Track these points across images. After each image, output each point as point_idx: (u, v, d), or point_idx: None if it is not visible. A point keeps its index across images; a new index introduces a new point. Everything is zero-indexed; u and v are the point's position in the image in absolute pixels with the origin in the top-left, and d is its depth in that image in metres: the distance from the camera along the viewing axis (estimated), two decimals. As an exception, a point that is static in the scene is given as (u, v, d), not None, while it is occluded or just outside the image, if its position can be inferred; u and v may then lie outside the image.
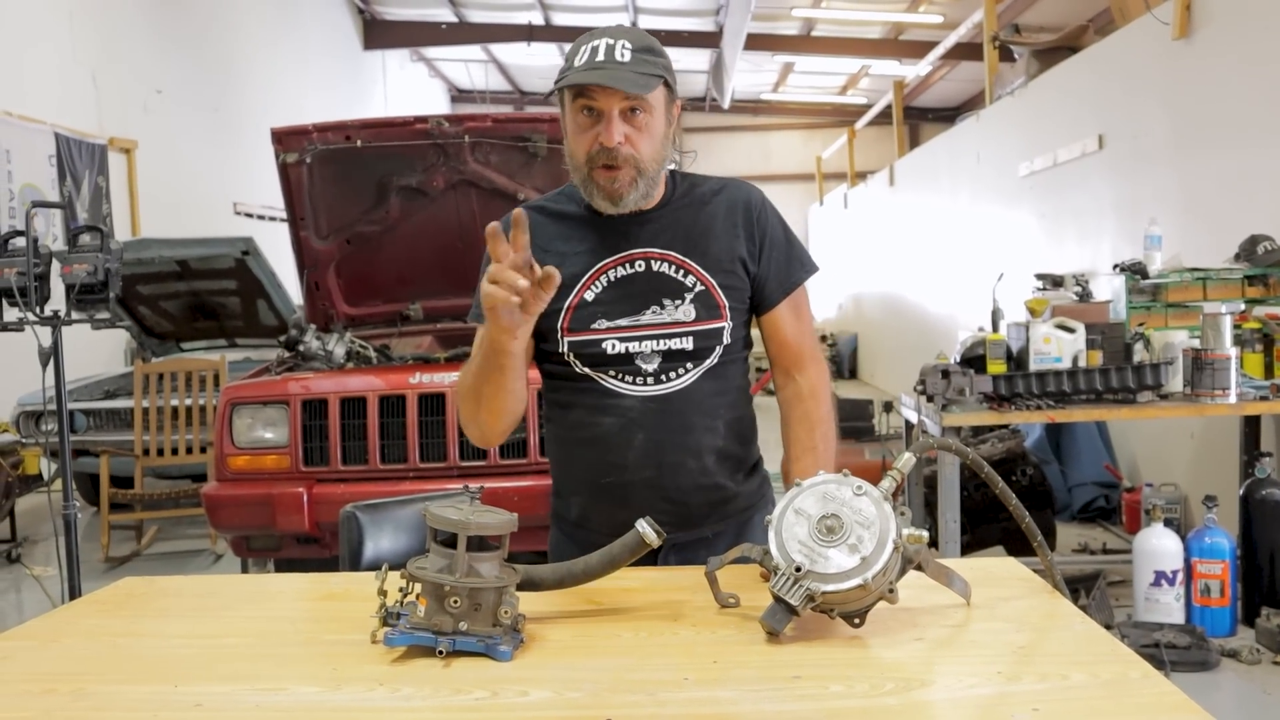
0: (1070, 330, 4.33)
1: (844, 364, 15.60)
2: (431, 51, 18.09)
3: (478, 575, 1.38)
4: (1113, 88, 6.67)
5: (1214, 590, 4.20)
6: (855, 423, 7.72)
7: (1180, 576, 4.20)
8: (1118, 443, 6.33)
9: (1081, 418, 4.32)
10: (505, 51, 17.98)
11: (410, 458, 4.14)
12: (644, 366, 1.81)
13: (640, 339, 1.80)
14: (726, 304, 1.83)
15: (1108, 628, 4.12)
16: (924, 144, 12.79)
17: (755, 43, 15.03)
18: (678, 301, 1.82)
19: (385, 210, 4.74)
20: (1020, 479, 5.06)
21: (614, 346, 1.80)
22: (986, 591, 1.60)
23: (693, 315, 1.81)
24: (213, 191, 10.63)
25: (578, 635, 1.46)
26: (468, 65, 19.25)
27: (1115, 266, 5.00)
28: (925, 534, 1.49)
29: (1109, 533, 5.84)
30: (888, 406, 7.72)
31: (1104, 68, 6.87)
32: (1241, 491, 4.42)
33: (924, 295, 11.54)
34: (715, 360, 1.84)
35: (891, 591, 1.44)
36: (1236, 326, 4.33)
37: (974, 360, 4.52)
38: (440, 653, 1.34)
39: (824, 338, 15.73)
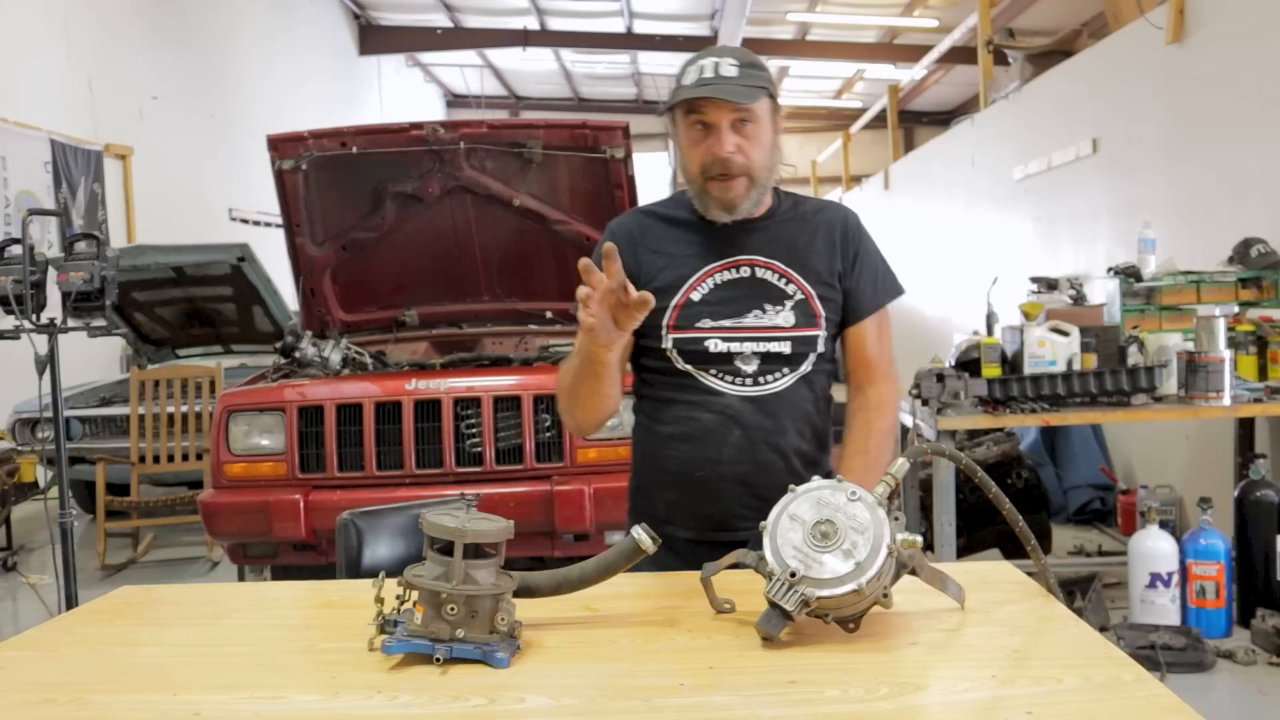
0: (1065, 333, 4.34)
1: (838, 368, 15.59)
2: (427, 57, 18.11)
3: (474, 582, 1.39)
4: (1107, 91, 6.69)
5: (1209, 592, 4.21)
6: (842, 428, 7.70)
7: (1176, 578, 4.21)
8: (1113, 445, 6.34)
9: (1076, 420, 4.32)
10: (500, 56, 18.01)
11: (406, 464, 4.14)
12: (743, 367, 1.91)
13: (742, 340, 1.90)
14: (823, 314, 1.95)
15: (1103, 630, 4.13)
16: (919, 148, 12.83)
17: (750, 47, 15.04)
18: (779, 308, 1.93)
19: (381, 217, 4.74)
20: (1015, 482, 5.06)
21: (716, 345, 1.90)
22: (981, 595, 1.61)
23: (792, 321, 1.93)
24: (208, 198, 10.63)
25: (574, 641, 1.47)
26: (463, 70, 19.27)
27: (1110, 270, 5.03)
28: (919, 539, 1.50)
29: (1105, 535, 5.86)
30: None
31: (1098, 72, 6.89)
32: (1236, 493, 4.43)
33: (919, 299, 11.55)
34: (809, 367, 1.96)
35: (886, 596, 1.45)
36: (1230, 329, 4.34)
37: (969, 364, 4.53)
38: (437, 660, 1.34)
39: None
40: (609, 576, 1.54)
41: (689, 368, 1.91)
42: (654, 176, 22.86)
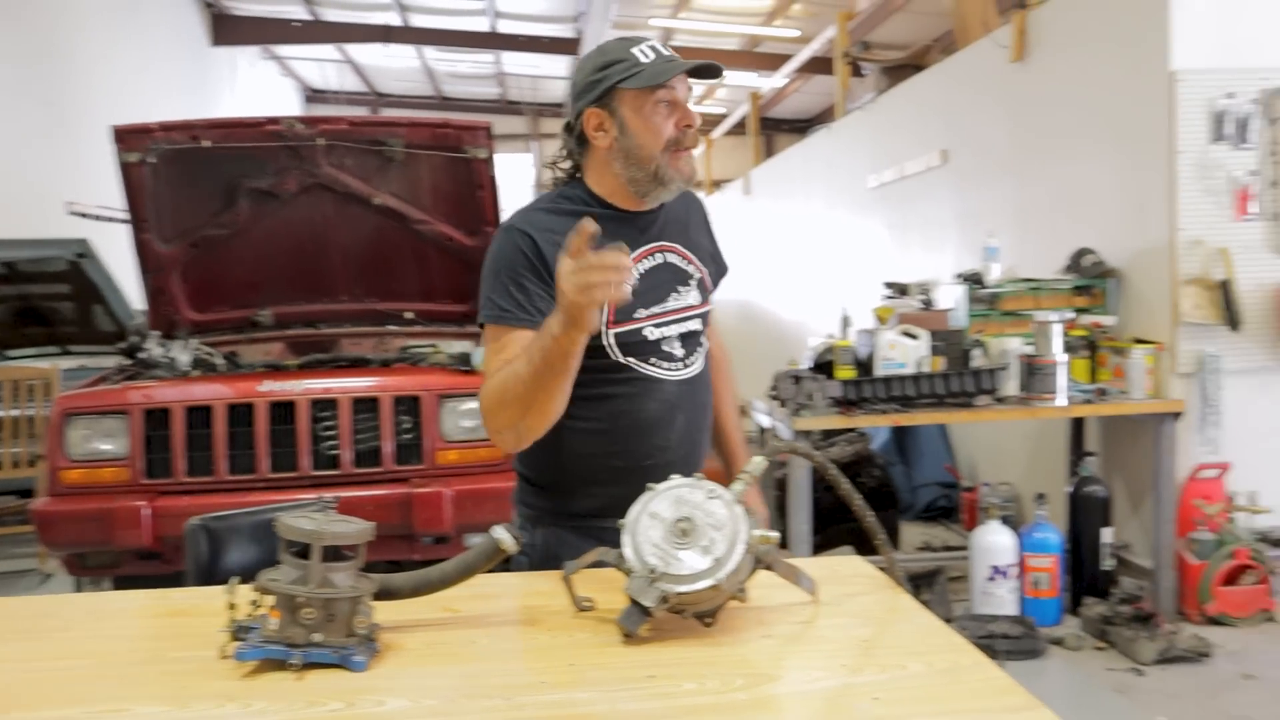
0: (914, 337, 4.52)
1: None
2: (284, 49, 17.57)
3: (332, 585, 1.36)
4: (955, 105, 6.98)
5: (1043, 583, 4.44)
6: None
7: (1014, 570, 4.43)
8: (958, 444, 6.62)
9: (925, 421, 4.50)
10: (361, 52, 17.61)
11: (260, 468, 4.02)
12: (673, 352, 1.96)
13: (669, 324, 1.95)
14: (711, 289, 2.09)
15: (948, 621, 4.31)
16: (779, 154, 13.12)
17: (614, 51, 15.13)
18: (687, 288, 2.01)
19: (234, 213, 4.59)
20: (867, 481, 5.24)
21: (651, 333, 1.93)
22: (833, 589, 1.66)
23: (698, 300, 2.03)
24: (44, 190, 10.07)
25: (434, 643, 1.46)
26: (322, 65, 18.78)
27: (957, 276, 5.25)
28: (775, 535, 1.54)
29: (950, 531, 6.11)
30: (741, 412, 7.87)
31: (947, 86, 7.19)
32: (1068, 489, 4.70)
33: (777, 302, 11.83)
34: (705, 343, 2.06)
35: (742, 591, 1.49)
36: (1065, 334, 4.60)
37: (824, 366, 4.67)
38: (293, 665, 1.31)
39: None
40: (469, 577, 1.54)
41: (628, 360, 1.91)
42: (516, 178, 22.78)
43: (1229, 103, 4.62)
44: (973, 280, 5.04)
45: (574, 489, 1.97)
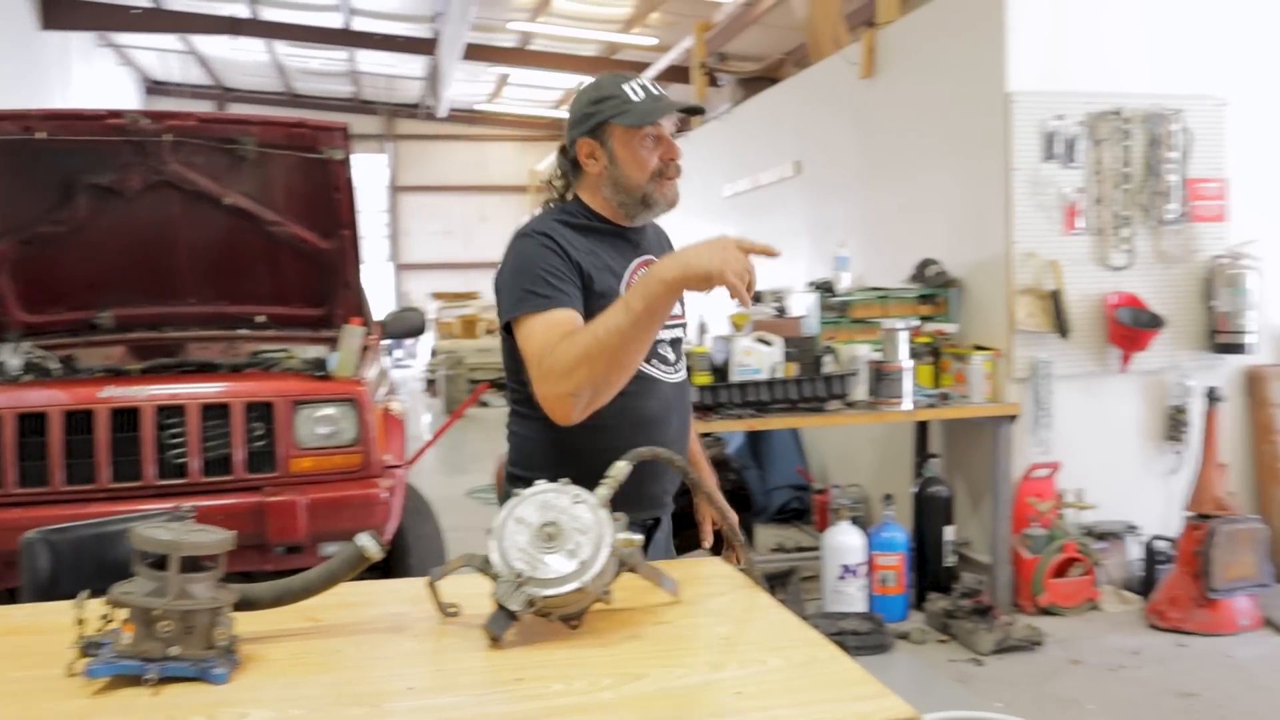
0: (769, 343, 4.65)
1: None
2: (122, 37, 16.77)
3: (190, 597, 1.33)
4: (808, 118, 7.20)
5: (891, 580, 4.63)
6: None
7: (864, 569, 4.60)
8: (809, 448, 6.82)
9: (779, 425, 4.63)
10: (207, 43, 16.97)
11: (100, 477, 3.84)
12: (668, 355, 2.11)
13: (667, 328, 2.06)
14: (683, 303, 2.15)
15: (802, 619, 4.45)
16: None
17: (472, 53, 15.02)
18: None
19: (72, 210, 4.36)
20: (723, 484, 5.34)
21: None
22: (694, 590, 1.71)
23: (680, 310, 2.13)
24: None
25: (298, 653, 1.44)
26: (164, 55, 18.00)
27: (809, 284, 5.42)
28: (639, 538, 1.58)
29: (802, 532, 6.29)
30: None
31: (800, 99, 7.41)
32: (914, 490, 4.91)
33: (636, 308, 11.96)
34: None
35: (607, 593, 1.52)
36: (911, 341, 4.81)
37: (683, 371, 4.74)
38: (149, 680, 1.28)
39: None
40: (332, 585, 1.52)
41: None
42: (372, 179, 22.32)
43: (1058, 124, 4.92)
44: (824, 289, 5.22)
45: (581, 484, 2.00)
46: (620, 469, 1.63)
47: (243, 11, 14.81)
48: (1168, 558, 4.66)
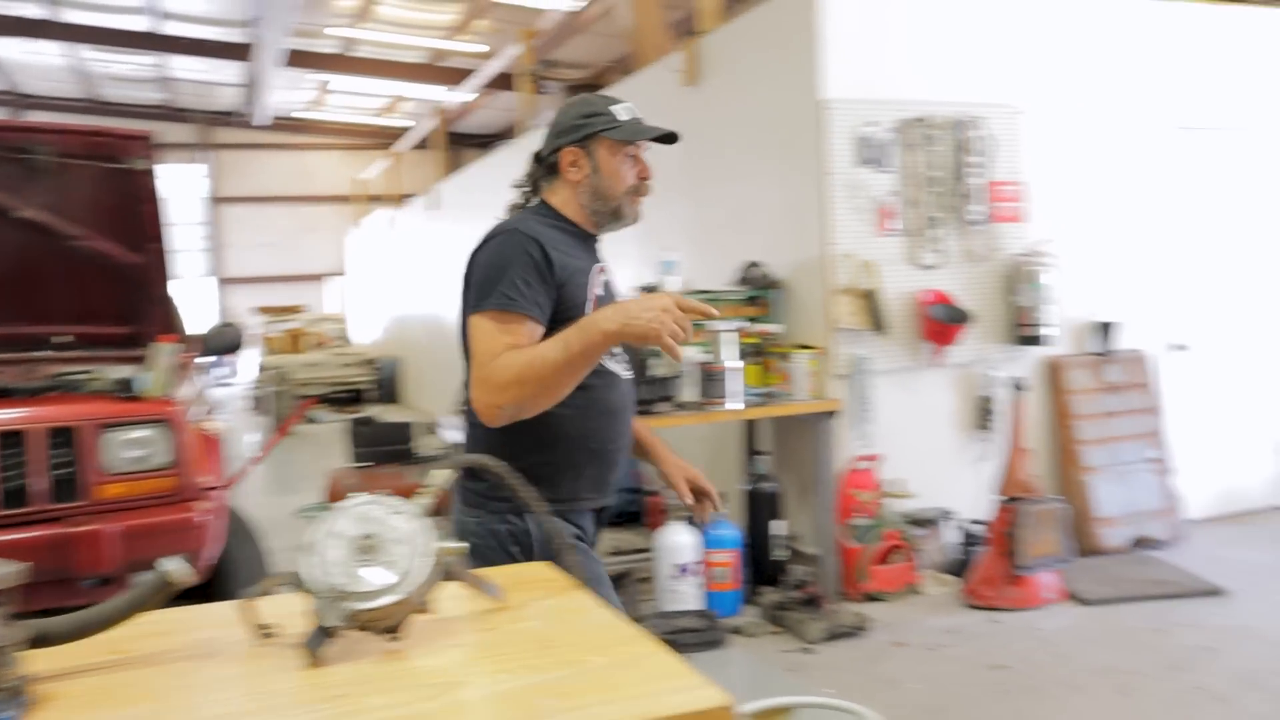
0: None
1: (387, 388, 15.41)
2: (-100, 39, 15.55)
3: (-26, 634, 1.25)
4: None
5: (724, 576, 4.73)
6: (395, 446, 7.70)
7: (697, 567, 4.68)
8: (646, 450, 6.88)
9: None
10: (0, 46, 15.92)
11: (-119, 512, 3.55)
12: (619, 353, 2.21)
13: None
14: None
15: (637, 620, 4.50)
16: (464, 169, 13.12)
17: (293, 59, 14.58)
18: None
19: None
20: (560, 489, 5.35)
21: None
22: (519, 594, 1.71)
23: None
24: None
25: (101, 687, 1.36)
26: (-51, 59, 16.79)
27: (636, 288, 5.48)
28: (462, 545, 1.56)
29: (638, 535, 6.34)
30: (429, 430, 7.82)
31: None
32: (744, 487, 5.03)
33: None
34: None
35: (428, 604, 1.50)
36: (739, 341, 4.92)
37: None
38: (-74, 726, 1.19)
39: (369, 362, 15.50)
40: (136, 614, 1.45)
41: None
42: (190, 190, 21.36)
43: (871, 130, 5.14)
44: (651, 292, 5.28)
45: (558, 473, 2.12)
46: (439, 477, 1.62)
47: (39, 12, 13.95)
48: (981, 540, 4.93)
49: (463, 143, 19.94)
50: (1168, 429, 5.77)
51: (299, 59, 14.82)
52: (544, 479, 2.06)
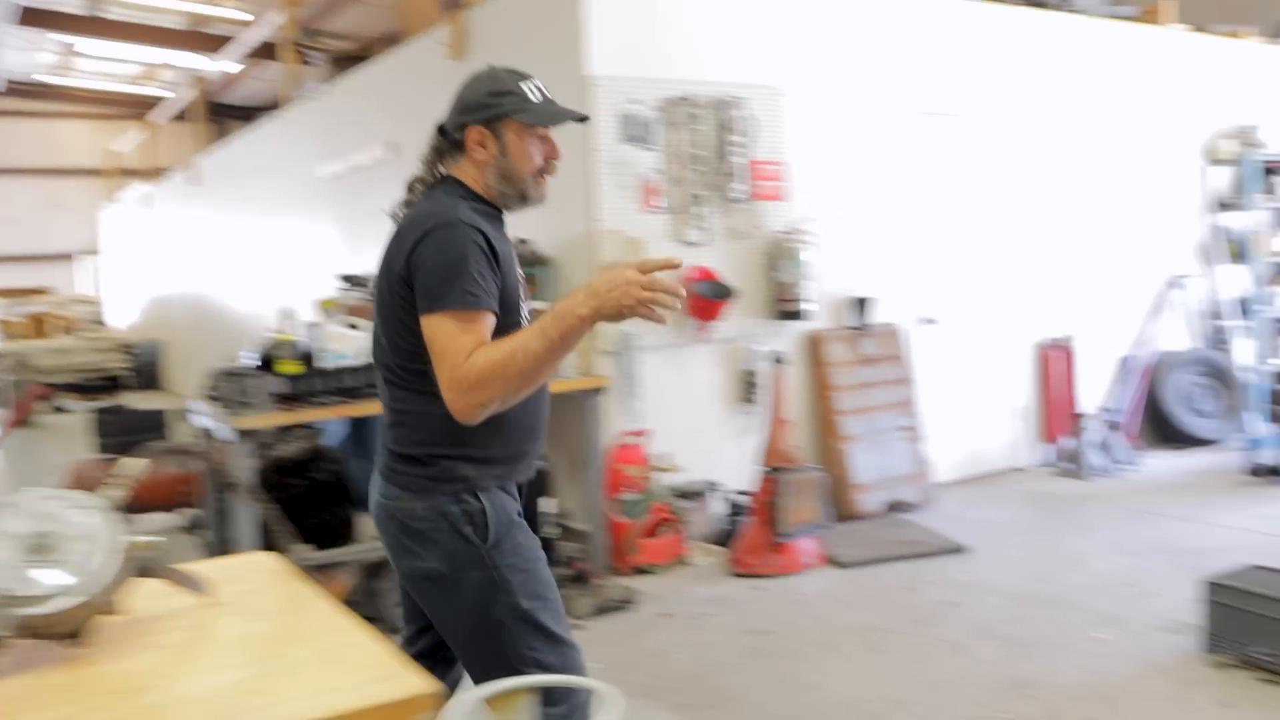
0: (359, 328, 4.51)
1: (146, 374, 14.44)
2: None
3: None
4: (401, 99, 7.07)
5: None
6: (144, 434, 7.22)
7: (468, 548, 4.61)
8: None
9: (368, 411, 4.51)
10: None
11: None
12: None
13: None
14: None
15: (398, 606, 4.39)
16: (228, 141, 12.44)
17: (31, 19, 13.41)
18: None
19: None
20: (321, 476, 5.16)
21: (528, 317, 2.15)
22: (236, 587, 1.61)
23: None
24: None
25: None
26: None
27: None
28: (161, 539, 1.45)
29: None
30: (179, 416, 7.38)
31: (393, 80, 7.26)
32: (515, 466, 4.98)
33: (231, 297, 11.25)
34: None
35: (116, 603, 1.38)
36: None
37: (271, 361, 4.51)
38: None
39: (126, 346, 14.49)
40: None
41: None
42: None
43: (635, 107, 5.17)
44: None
45: (498, 450, 2.10)
46: (134, 466, 1.49)
47: None
48: (745, 510, 5.07)
49: (229, 115, 18.88)
50: (919, 398, 6.12)
51: (35, 17, 13.62)
52: (489, 456, 2.11)
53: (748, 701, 3.57)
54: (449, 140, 2.17)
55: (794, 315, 5.55)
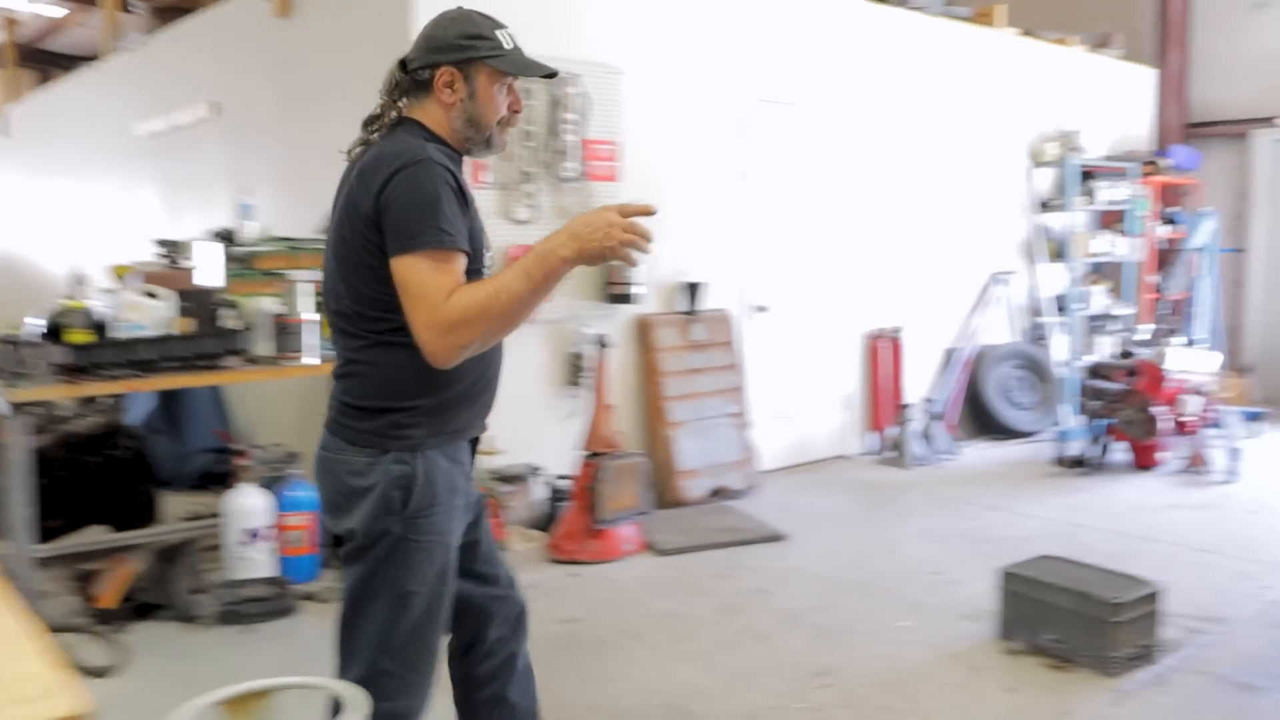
0: (157, 297, 4.23)
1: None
2: None
3: None
4: (225, 56, 6.71)
5: (299, 540, 4.48)
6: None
7: (270, 531, 4.40)
8: (235, 408, 6.42)
9: (166, 385, 4.26)
10: None
11: None
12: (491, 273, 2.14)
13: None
14: None
15: (200, 591, 4.16)
16: (42, 91, 11.63)
17: None
18: None
19: None
20: (120, 453, 4.86)
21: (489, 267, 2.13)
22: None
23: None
24: None
25: None
26: None
27: (210, 233, 5.04)
28: None
29: (220, 498, 5.91)
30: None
31: (217, 35, 6.88)
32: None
33: (41, 258, 10.55)
34: None
35: None
36: (318, 293, 4.63)
37: (58, 330, 4.18)
38: None
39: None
40: None
41: None
42: None
43: (465, 79, 4.99)
44: (224, 238, 4.87)
45: (458, 404, 2.08)
46: None
47: None
48: (566, 495, 5.00)
49: (56, 64, 17.65)
50: (748, 385, 6.15)
51: None
52: (446, 411, 2.08)
53: (548, 693, 3.44)
54: (412, 79, 2.12)
55: (624, 299, 5.49)
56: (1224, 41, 9.24)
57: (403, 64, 2.14)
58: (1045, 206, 8.13)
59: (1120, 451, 6.64)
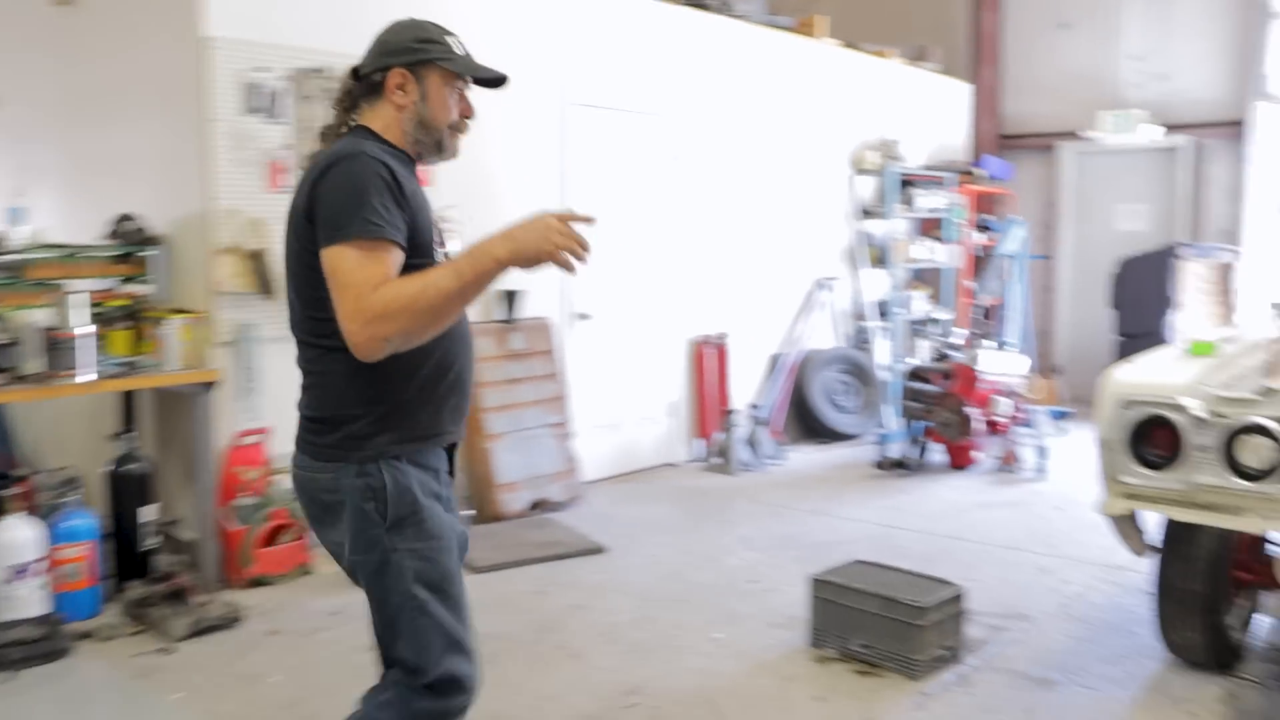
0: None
1: None
2: None
3: None
4: (4, 46, 6.19)
5: (76, 574, 4.12)
6: None
7: (41, 566, 4.02)
8: (23, 428, 5.93)
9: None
10: None
11: None
12: None
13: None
14: None
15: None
16: None
17: None
18: None
19: None
20: None
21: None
22: None
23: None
24: None
25: None
26: None
27: (-24, 239, 4.61)
28: None
29: None
30: None
31: (-5, 25, 6.35)
32: (108, 468, 4.43)
33: None
34: None
35: None
36: (99, 304, 4.30)
37: None
38: None
39: None
40: None
41: None
42: None
43: (261, 76, 4.72)
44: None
45: (421, 406, 2.06)
46: None
47: None
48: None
49: None
50: (569, 395, 6.03)
51: None
52: (406, 414, 2.05)
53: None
54: (364, 84, 2.13)
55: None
56: (1033, 59, 9.66)
57: (355, 71, 2.15)
58: (867, 213, 8.31)
59: (938, 452, 6.82)
